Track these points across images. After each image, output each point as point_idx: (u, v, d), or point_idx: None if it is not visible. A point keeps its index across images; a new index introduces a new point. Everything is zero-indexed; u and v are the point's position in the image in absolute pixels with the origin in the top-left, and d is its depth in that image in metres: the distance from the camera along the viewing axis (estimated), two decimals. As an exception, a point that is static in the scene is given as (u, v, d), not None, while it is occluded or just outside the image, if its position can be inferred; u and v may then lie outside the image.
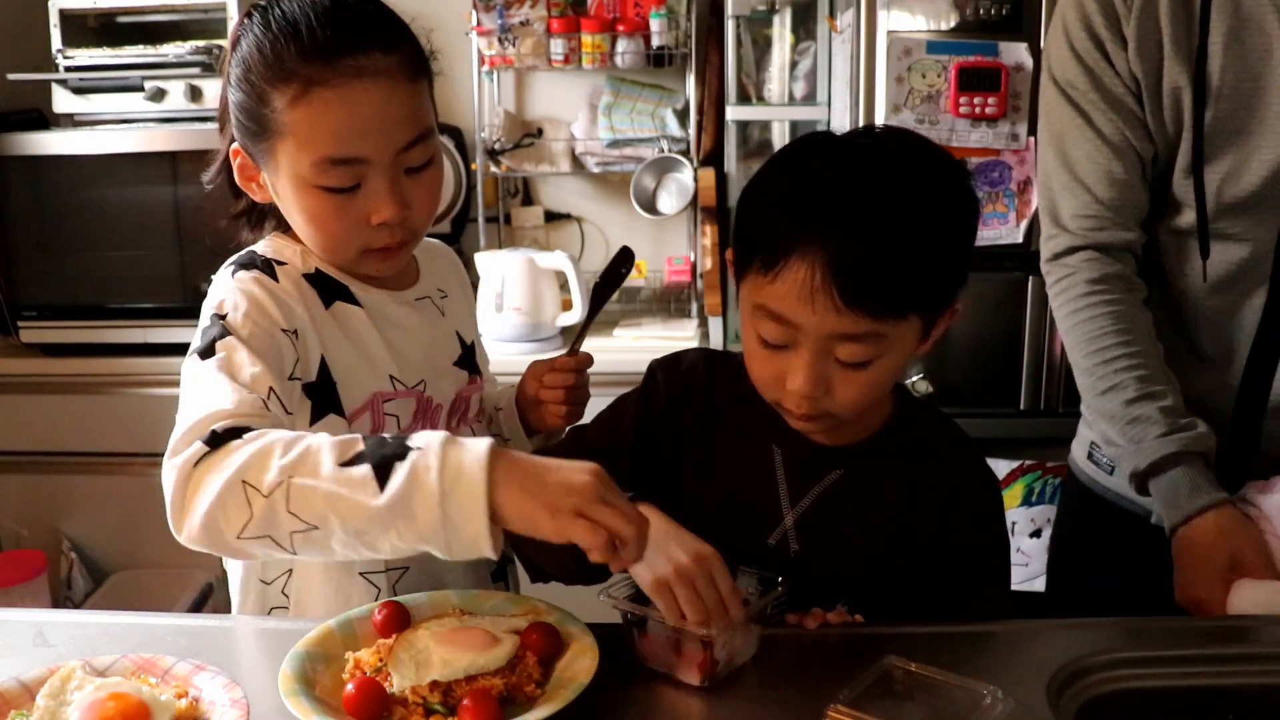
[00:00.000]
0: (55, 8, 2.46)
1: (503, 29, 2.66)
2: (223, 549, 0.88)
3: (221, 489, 0.85)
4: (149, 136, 2.43)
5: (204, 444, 0.88)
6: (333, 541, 0.84)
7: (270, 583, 1.13)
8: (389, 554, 0.86)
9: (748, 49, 2.61)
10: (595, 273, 2.87)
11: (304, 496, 0.84)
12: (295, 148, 1.01)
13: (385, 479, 0.83)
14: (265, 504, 0.84)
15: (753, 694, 0.92)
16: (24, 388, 2.50)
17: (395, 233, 1.06)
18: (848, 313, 0.93)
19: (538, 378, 1.28)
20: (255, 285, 1.04)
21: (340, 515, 0.83)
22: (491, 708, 0.83)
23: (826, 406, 0.99)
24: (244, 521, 0.84)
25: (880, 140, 1.02)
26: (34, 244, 2.49)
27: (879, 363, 0.97)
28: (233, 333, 0.99)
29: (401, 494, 0.82)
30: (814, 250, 0.92)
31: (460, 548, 0.83)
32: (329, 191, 1.02)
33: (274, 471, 0.85)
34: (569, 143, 2.80)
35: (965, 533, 1.07)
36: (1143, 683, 0.94)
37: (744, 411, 1.09)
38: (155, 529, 2.88)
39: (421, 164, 1.05)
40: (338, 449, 0.86)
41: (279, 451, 0.86)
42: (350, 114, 1.00)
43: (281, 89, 1.00)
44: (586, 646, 0.91)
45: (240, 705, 0.84)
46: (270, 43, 1.00)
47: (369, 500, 0.82)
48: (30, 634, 1.03)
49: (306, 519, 0.84)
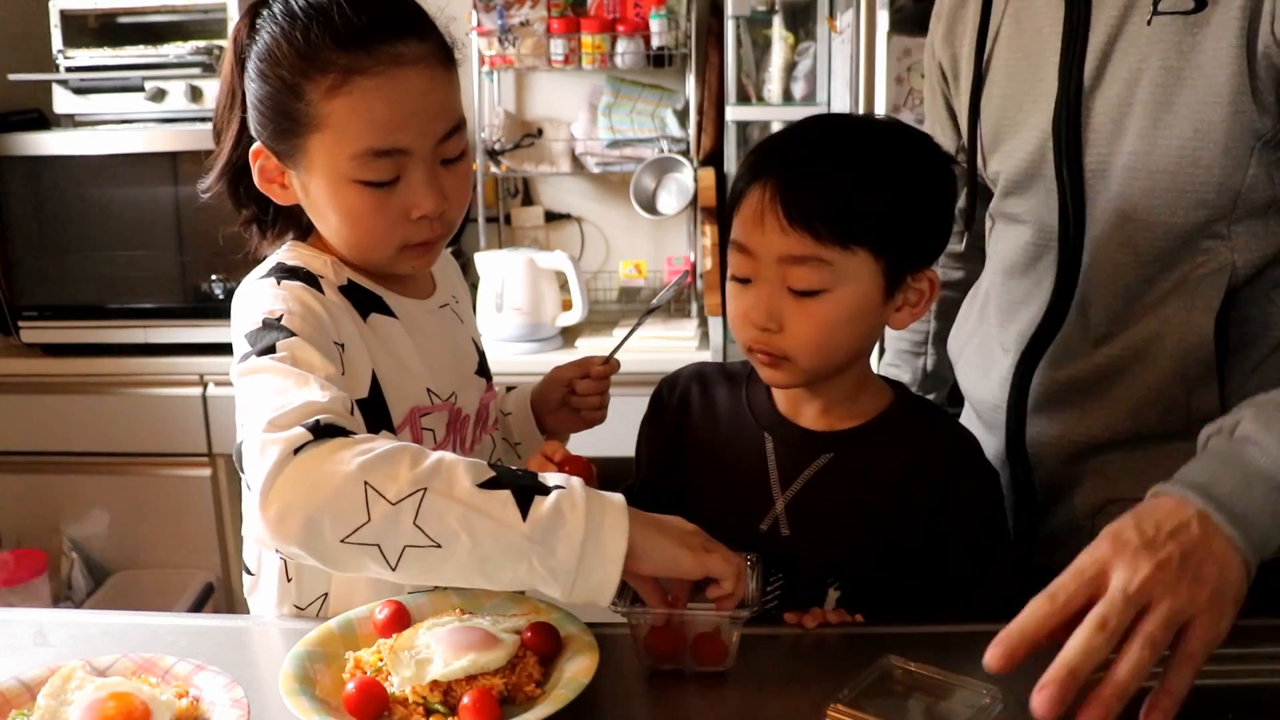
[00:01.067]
0: (55, 8, 2.46)
1: (503, 29, 2.66)
2: (314, 550, 0.83)
3: (338, 485, 0.81)
4: (149, 136, 2.43)
5: (307, 430, 0.84)
6: (447, 565, 0.83)
7: (305, 608, 1.08)
8: (506, 585, 0.85)
9: (747, 49, 2.61)
10: (595, 272, 2.91)
11: (437, 511, 0.81)
12: (333, 141, 0.96)
13: (527, 506, 0.82)
14: (389, 512, 0.81)
15: (753, 693, 0.92)
16: (24, 388, 2.50)
17: (435, 226, 1.03)
18: (792, 232, 0.99)
19: (564, 384, 1.28)
20: (306, 294, 0.99)
21: (474, 536, 0.81)
22: (491, 708, 0.83)
23: (783, 345, 1.03)
24: (356, 526, 0.81)
25: (865, 116, 1.11)
26: (34, 244, 2.49)
27: (829, 297, 1.01)
28: (296, 334, 0.94)
29: (545, 525, 0.82)
30: (767, 178, 1.01)
31: (584, 590, 0.84)
32: (369, 186, 0.98)
33: (405, 480, 0.82)
34: (569, 143, 2.80)
35: (962, 517, 1.07)
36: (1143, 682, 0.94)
37: (738, 406, 1.14)
38: (155, 529, 2.89)
39: (457, 155, 1.03)
40: (473, 469, 0.84)
41: (409, 460, 0.83)
42: (393, 103, 0.96)
43: (317, 79, 0.95)
44: (586, 646, 0.91)
45: (240, 705, 0.84)
46: (301, 32, 0.95)
47: (510, 525, 0.82)
48: (30, 634, 1.02)
49: (433, 535, 0.82)
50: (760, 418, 1.12)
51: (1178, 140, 1.02)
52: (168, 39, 2.49)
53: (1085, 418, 1.13)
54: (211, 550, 2.55)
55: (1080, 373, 1.12)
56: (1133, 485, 1.06)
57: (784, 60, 2.59)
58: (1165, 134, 1.03)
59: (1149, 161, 1.04)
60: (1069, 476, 1.15)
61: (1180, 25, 1.01)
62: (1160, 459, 1.03)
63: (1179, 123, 1.02)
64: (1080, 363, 1.12)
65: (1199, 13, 1.00)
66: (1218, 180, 1.02)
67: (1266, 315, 1.06)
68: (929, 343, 1.44)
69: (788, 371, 1.05)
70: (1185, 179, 1.03)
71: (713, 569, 0.88)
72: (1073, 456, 1.14)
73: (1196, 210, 1.03)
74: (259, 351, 0.93)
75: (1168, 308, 1.07)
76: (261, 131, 1.01)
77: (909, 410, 1.13)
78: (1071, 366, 1.13)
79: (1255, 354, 1.07)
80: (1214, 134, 1.01)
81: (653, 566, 0.87)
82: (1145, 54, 1.03)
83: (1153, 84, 1.03)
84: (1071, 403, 1.14)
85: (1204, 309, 1.05)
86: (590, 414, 1.28)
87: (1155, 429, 1.09)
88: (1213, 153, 1.01)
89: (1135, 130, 1.05)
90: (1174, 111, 1.02)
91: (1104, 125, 1.07)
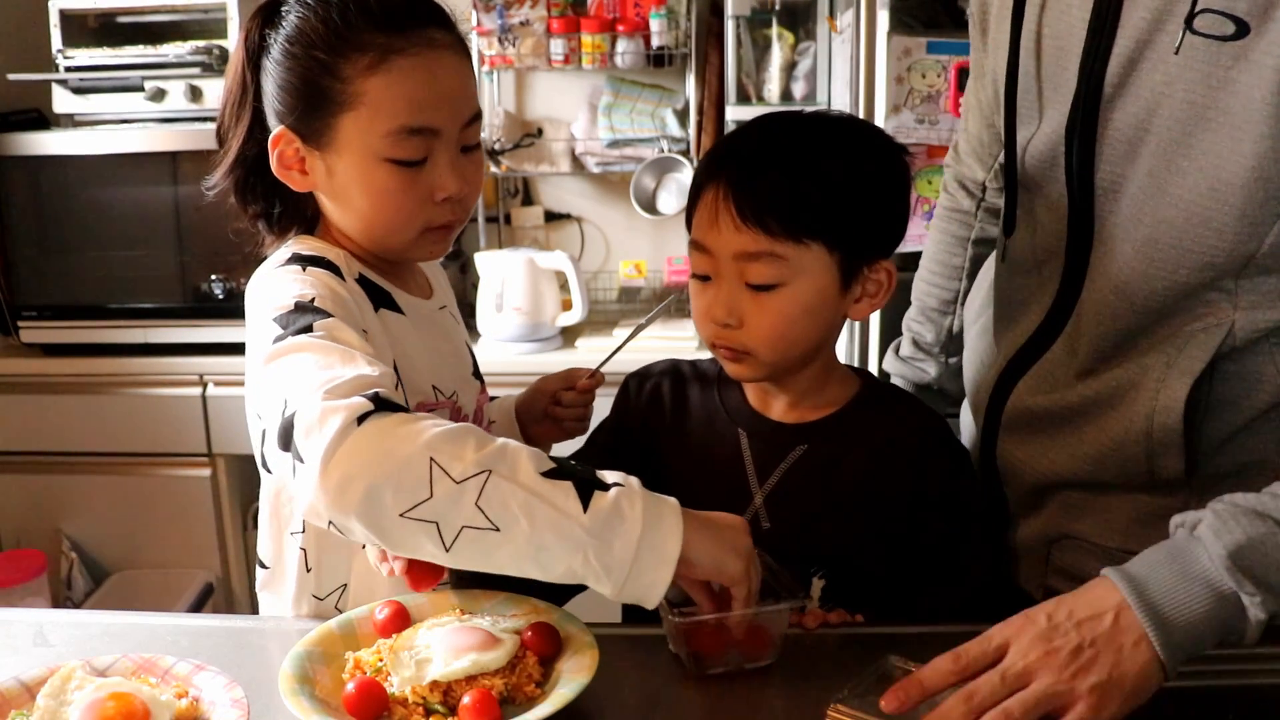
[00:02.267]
0: (55, 8, 2.46)
1: (503, 29, 2.66)
2: (371, 522, 0.82)
3: (405, 458, 0.81)
4: (149, 136, 2.43)
5: (368, 400, 0.83)
6: (503, 550, 0.83)
7: (324, 598, 1.08)
8: (559, 577, 0.85)
9: (748, 49, 2.61)
10: (595, 272, 2.91)
11: (500, 494, 0.82)
12: (368, 118, 0.98)
13: (588, 499, 0.83)
14: (452, 490, 0.81)
15: (753, 694, 0.92)
16: (24, 388, 2.50)
17: (455, 210, 1.05)
18: (745, 229, 1.01)
19: (548, 395, 1.30)
20: (332, 280, 1.00)
21: (534, 523, 0.82)
22: (491, 708, 0.83)
23: (744, 340, 1.05)
24: (418, 501, 0.81)
25: (816, 112, 1.11)
26: (34, 244, 2.49)
27: (786, 291, 1.03)
28: (332, 315, 0.94)
29: (605, 520, 0.83)
30: (721, 178, 1.03)
31: (634, 589, 0.85)
32: (399, 165, 1.00)
33: (471, 460, 0.82)
34: (569, 143, 2.80)
35: (937, 496, 1.09)
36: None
37: (710, 404, 1.16)
38: (155, 529, 2.89)
39: (475, 143, 1.06)
40: (536, 457, 0.85)
41: (475, 441, 0.84)
42: (429, 82, 0.99)
43: (354, 58, 0.98)
44: (586, 646, 0.91)
45: (240, 705, 0.84)
46: (338, 14, 0.98)
47: (571, 516, 0.82)
48: (30, 634, 1.02)
49: (493, 518, 0.82)
50: (733, 414, 1.14)
51: (1190, 193, 0.93)
52: (167, 39, 2.49)
53: (1049, 451, 1.09)
54: (211, 550, 2.55)
55: (1053, 405, 1.08)
56: (1092, 525, 1.08)
57: (784, 60, 2.59)
58: (1178, 181, 0.94)
59: (1158, 206, 0.96)
60: (1031, 501, 1.14)
61: (1214, 54, 0.89)
62: (1120, 505, 1.05)
63: (1194, 171, 0.92)
64: (1057, 394, 1.08)
65: (1238, 41, 0.87)
66: (1229, 246, 0.92)
67: (1260, 375, 0.97)
68: (958, 303, 1.38)
69: (750, 366, 1.07)
70: (1193, 238, 0.94)
71: (754, 577, 0.90)
72: (1035, 485, 1.12)
73: (1202, 272, 0.95)
74: (295, 331, 0.92)
75: (1150, 358, 1.00)
76: (286, 115, 1.02)
77: (877, 397, 1.15)
78: (1048, 396, 1.09)
79: (1237, 416, 0.99)
80: (1231, 197, 0.90)
81: (702, 571, 0.88)
82: (1171, 77, 0.92)
83: (1172, 116, 0.93)
84: (1040, 433, 1.10)
85: (1185, 371, 0.97)
86: (572, 425, 1.30)
87: (1114, 480, 1.04)
88: (1227, 216, 0.91)
89: (1148, 164, 0.96)
90: (1191, 157, 0.92)
91: (1119, 143, 0.98)
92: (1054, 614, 0.83)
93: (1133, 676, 0.80)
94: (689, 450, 1.16)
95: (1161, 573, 0.83)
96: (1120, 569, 0.84)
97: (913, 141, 2.00)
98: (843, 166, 1.04)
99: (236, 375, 2.37)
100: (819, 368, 1.11)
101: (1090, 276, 1.03)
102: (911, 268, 1.43)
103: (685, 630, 0.92)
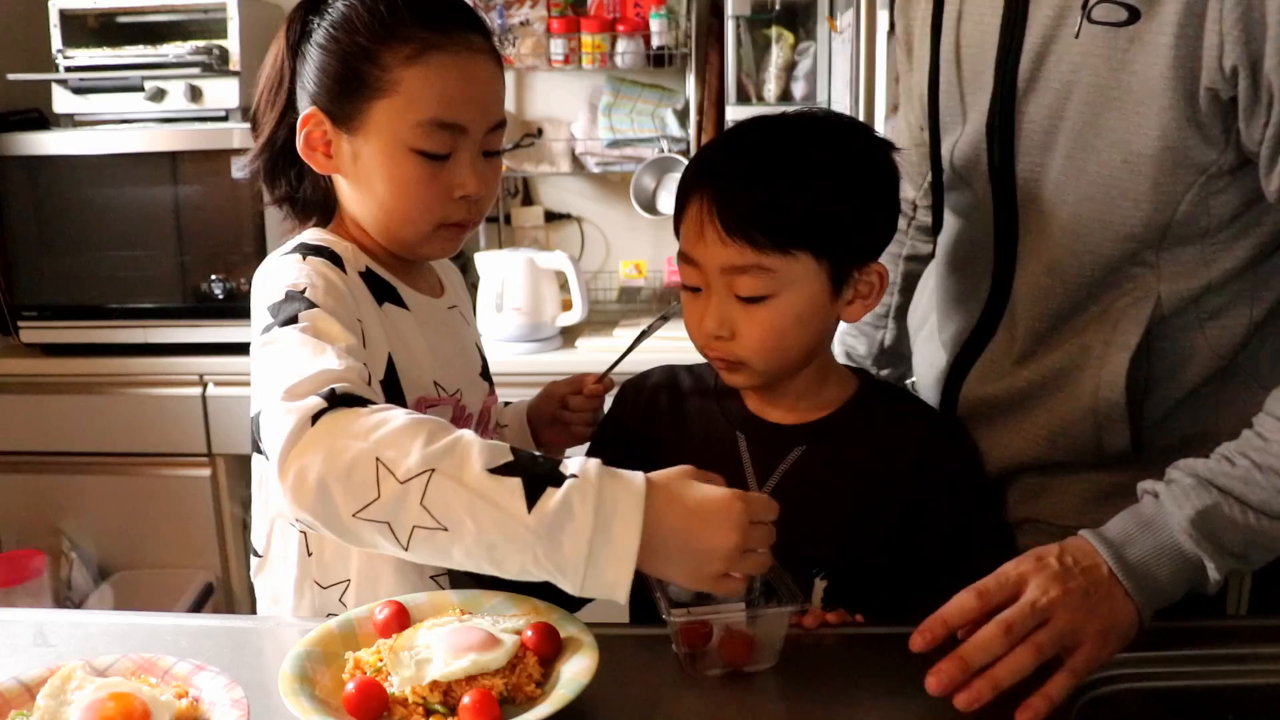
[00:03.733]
0: (55, 8, 2.46)
1: (503, 29, 2.66)
2: (328, 522, 0.83)
3: (351, 458, 0.81)
4: (149, 136, 2.43)
5: (323, 399, 0.84)
6: (457, 548, 0.82)
7: (328, 588, 1.09)
8: (516, 574, 0.83)
9: (748, 49, 2.61)
10: (595, 272, 2.91)
11: (444, 494, 0.81)
12: (402, 107, 1.01)
13: (536, 497, 0.81)
14: (398, 490, 0.81)
15: (753, 694, 0.92)
16: (24, 388, 2.50)
17: (471, 210, 1.07)
18: (731, 243, 1.01)
19: (556, 399, 1.30)
20: (329, 270, 1.02)
21: (479, 523, 0.80)
22: (491, 708, 0.83)
23: (737, 351, 1.05)
24: (366, 502, 0.81)
25: (799, 115, 1.09)
26: (34, 244, 2.49)
27: (776, 302, 1.03)
28: (319, 306, 0.96)
29: (552, 520, 0.80)
30: (705, 191, 1.03)
31: (594, 587, 0.82)
32: (424, 156, 1.03)
33: (416, 457, 0.81)
34: (569, 143, 2.80)
35: (943, 488, 1.09)
36: (1143, 683, 0.94)
37: (708, 409, 1.16)
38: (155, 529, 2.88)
39: (497, 149, 1.09)
40: (488, 451, 0.83)
41: (424, 437, 0.83)
42: (463, 80, 1.03)
43: (396, 47, 1.01)
44: (586, 646, 0.91)
45: (240, 705, 0.84)
46: (385, 5, 1.02)
47: (515, 516, 0.80)
48: (30, 634, 1.02)
49: (439, 518, 0.81)
50: (731, 417, 1.14)
51: (1106, 169, 0.99)
52: (167, 39, 2.49)
53: (1004, 437, 1.13)
54: (211, 550, 2.54)
55: (1001, 392, 1.12)
56: (1048, 506, 1.12)
57: (784, 60, 2.59)
58: (1093, 159, 1.00)
59: (1078, 186, 1.02)
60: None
61: (1112, 38, 0.96)
62: (1074, 485, 1.10)
63: (1107, 148, 0.99)
64: (1004, 381, 1.12)
65: (1131, 26, 0.94)
66: (1146, 215, 0.99)
67: (1193, 347, 1.03)
68: (890, 316, 1.41)
69: (745, 374, 1.08)
70: (1113, 211, 1.00)
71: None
72: (996, 473, 1.15)
73: (1125, 243, 1.01)
74: (281, 322, 0.94)
75: (1087, 337, 1.05)
76: (321, 96, 1.05)
77: (876, 395, 1.15)
78: (995, 384, 1.13)
79: (1175, 388, 1.05)
80: (1144, 167, 0.97)
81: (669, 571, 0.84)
82: (1077, 65, 0.99)
83: (1082, 101, 0.99)
84: (993, 421, 1.14)
85: (1121, 346, 1.03)
86: (580, 429, 1.30)
87: (1066, 460, 1.10)
88: (1141, 186, 0.98)
89: (1064, 149, 1.02)
90: (1102, 135, 0.99)
91: (1035, 134, 1.04)
92: (1061, 557, 0.88)
93: (1123, 625, 0.88)
94: (688, 455, 1.12)
95: (1136, 540, 0.90)
96: (1097, 533, 0.91)
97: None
98: (826, 173, 1.03)
99: (236, 375, 2.39)
100: (815, 369, 1.11)
101: (1021, 263, 1.09)
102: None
103: (684, 630, 0.92)
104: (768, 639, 0.93)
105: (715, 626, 0.91)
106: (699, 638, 0.92)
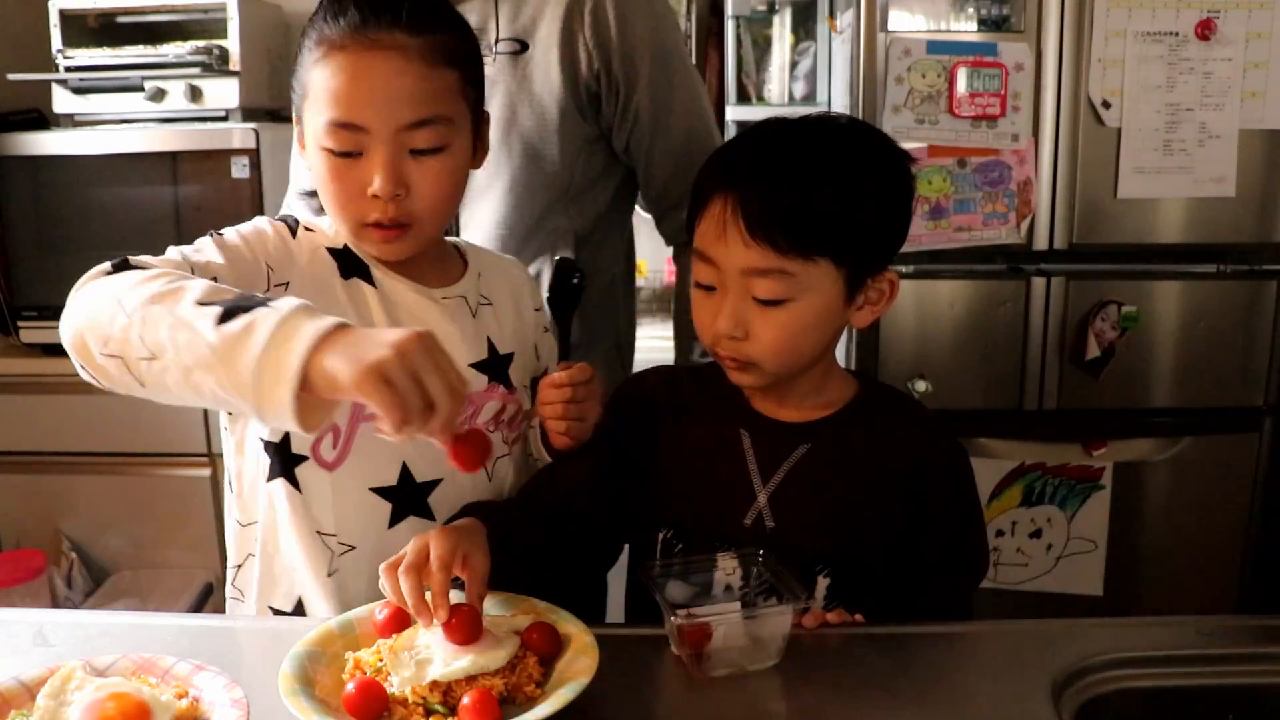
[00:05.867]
0: (55, 8, 2.46)
1: (503, 29, 2.66)
2: (89, 364, 0.89)
3: (97, 301, 0.87)
4: (149, 136, 2.43)
5: (111, 267, 0.91)
6: (169, 377, 0.83)
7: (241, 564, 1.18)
8: (211, 402, 0.84)
9: (748, 49, 2.61)
10: (595, 273, 2.87)
11: (153, 323, 0.84)
12: (313, 108, 1.06)
13: (226, 322, 0.82)
14: (124, 325, 0.85)
15: (753, 694, 0.92)
16: (24, 388, 2.50)
17: (389, 210, 1.06)
18: (754, 246, 1.01)
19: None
20: (269, 226, 1.10)
21: (177, 348, 0.83)
22: (491, 708, 0.83)
23: (749, 352, 1.05)
24: (104, 338, 0.86)
25: (821, 119, 1.09)
26: (34, 244, 2.48)
27: (793, 306, 1.03)
28: (217, 237, 1.05)
29: (230, 341, 0.80)
30: (727, 191, 1.03)
31: (272, 413, 0.80)
32: (332, 154, 1.05)
33: (144, 295, 0.85)
34: (569, 143, 2.79)
35: (937, 494, 1.10)
36: (1143, 683, 0.94)
37: (711, 406, 1.16)
38: (155, 529, 2.87)
39: (428, 148, 1.05)
40: (210, 291, 0.86)
41: (162, 281, 0.87)
42: (354, 81, 1.03)
43: (313, 51, 1.05)
44: (586, 646, 0.91)
45: (240, 705, 0.84)
46: (326, 9, 1.06)
47: (204, 337, 0.81)
48: (30, 634, 1.03)
49: (150, 347, 0.84)
50: (735, 414, 1.14)
51: (526, 146, 1.43)
52: (167, 39, 2.49)
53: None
54: (211, 550, 2.54)
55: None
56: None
57: (784, 60, 2.59)
58: (517, 145, 1.43)
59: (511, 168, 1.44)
60: None
61: (515, 64, 1.42)
62: None
63: (525, 133, 1.43)
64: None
65: (525, 53, 1.41)
66: (557, 173, 1.45)
67: (597, 262, 1.54)
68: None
69: (754, 375, 1.08)
70: (538, 178, 1.44)
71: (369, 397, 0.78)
72: None
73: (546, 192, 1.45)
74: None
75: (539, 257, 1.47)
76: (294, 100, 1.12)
77: (876, 396, 1.17)
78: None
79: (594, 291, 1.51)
80: (550, 139, 1.43)
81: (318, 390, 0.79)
82: (494, 81, 1.39)
83: (501, 104, 1.42)
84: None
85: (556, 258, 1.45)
86: (554, 423, 1.15)
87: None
88: (554, 156, 1.45)
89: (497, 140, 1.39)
90: (519, 126, 1.43)
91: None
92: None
93: None
94: (691, 452, 1.15)
95: None
96: None
97: (913, 142, 2.00)
98: (853, 180, 1.03)
99: (236, 375, 2.39)
100: (819, 371, 1.12)
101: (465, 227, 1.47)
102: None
103: (686, 631, 0.92)
104: (769, 638, 0.93)
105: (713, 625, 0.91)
106: (701, 639, 0.92)
